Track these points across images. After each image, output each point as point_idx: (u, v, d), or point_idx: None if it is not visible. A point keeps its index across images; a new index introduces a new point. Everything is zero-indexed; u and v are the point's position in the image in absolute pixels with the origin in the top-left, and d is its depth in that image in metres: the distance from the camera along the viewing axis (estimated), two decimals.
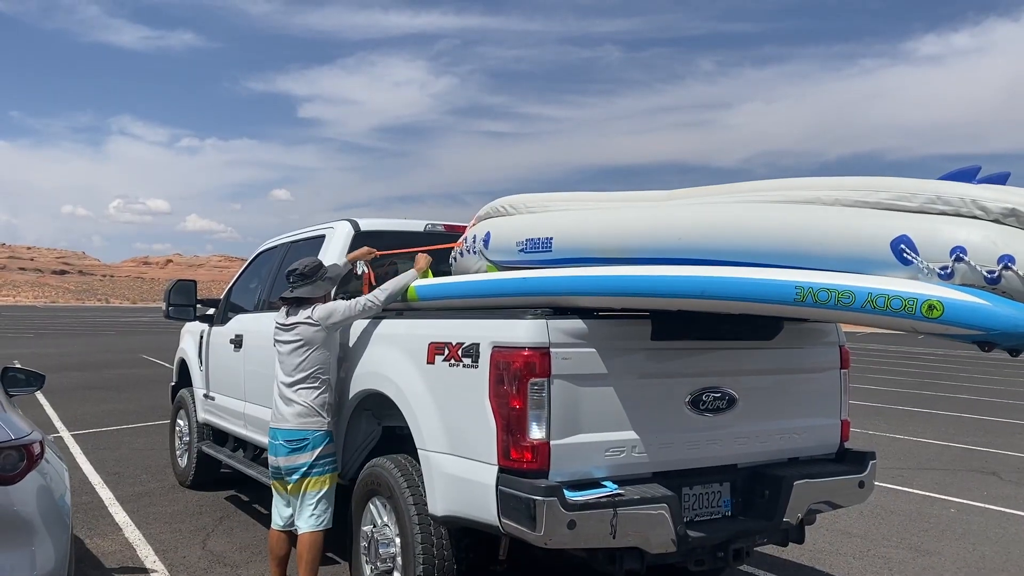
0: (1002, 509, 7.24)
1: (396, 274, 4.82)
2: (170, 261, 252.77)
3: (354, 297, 4.57)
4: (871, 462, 4.11)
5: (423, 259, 4.63)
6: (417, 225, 5.61)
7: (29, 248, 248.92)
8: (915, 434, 11.46)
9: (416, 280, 4.49)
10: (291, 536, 4.62)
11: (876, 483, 7.95)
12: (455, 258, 4.93)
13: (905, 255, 2.83)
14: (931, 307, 2.59)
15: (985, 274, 2.69)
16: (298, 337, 4.39)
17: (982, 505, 7.36)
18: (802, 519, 3.89)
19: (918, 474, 8.67)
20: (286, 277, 4.61)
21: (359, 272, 4.93)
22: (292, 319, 4.44)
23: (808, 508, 3.86)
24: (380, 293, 4.42)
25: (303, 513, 4.42)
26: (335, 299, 4.67)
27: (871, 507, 7.15)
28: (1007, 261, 2.66)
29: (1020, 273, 2.64)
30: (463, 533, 3.90)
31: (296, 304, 4.49)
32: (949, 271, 2.75)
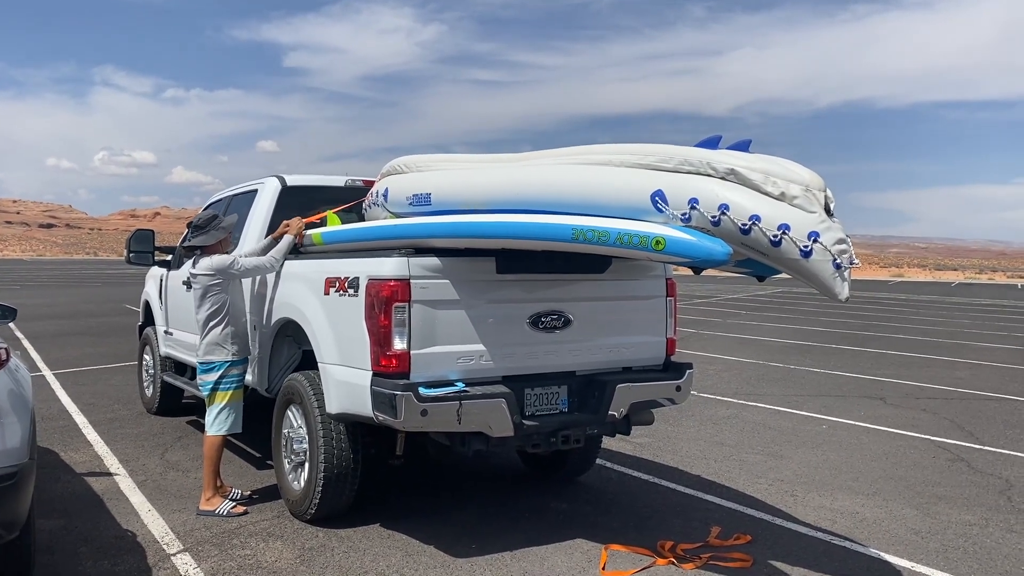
0: (867, 425, 8.28)
1: (325, 221, 5.78)
2: (158, 214, 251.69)
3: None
4: (688, 371, 5.09)
5: (295, 224, 5.51)
6: (338, 180, 6.49)
7: (15, 201, 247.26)
8: (833, 368, 12.50)
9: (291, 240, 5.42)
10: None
11: (768, 406, 9.04)
12: (366, 209, 5.83)
13: (659, 205, 3.75)
14: (658, 242, 3.52)
15: (710, 218, 3.61)
16: (198, 285, 5.31)
17: (852, 423, 8.40)
18: (627, 415, 4.87)
19: (811, 399, 9.71)
20: (187, 228, 5.52)
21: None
22: (195, 269, 5.35)
23: (631, 405, 4.83)
24: (274, 256, 5.34)
25: (208, 420, 5.41)
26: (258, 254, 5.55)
27: (752, 424, 8.19)
28: (724, 208, 3.58)
29: (732, 217, 3.56)
30: (360, 429, 4.87)
31: (201, 253, 5.38)
32: (687, 217, 3.67)
